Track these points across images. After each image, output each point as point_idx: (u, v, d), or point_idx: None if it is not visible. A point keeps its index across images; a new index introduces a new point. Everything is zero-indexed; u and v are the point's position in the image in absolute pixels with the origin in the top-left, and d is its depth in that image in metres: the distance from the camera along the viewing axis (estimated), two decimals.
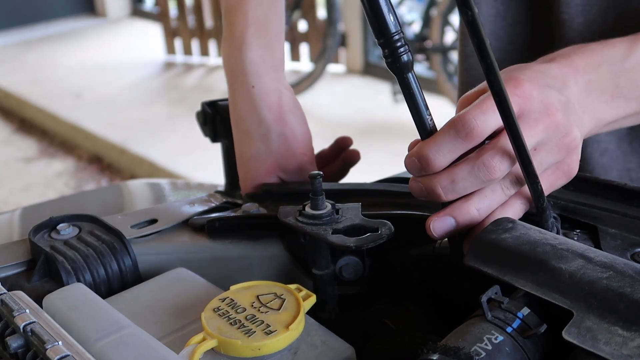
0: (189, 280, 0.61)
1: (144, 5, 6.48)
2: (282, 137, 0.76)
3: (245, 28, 0.77)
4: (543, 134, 0.54)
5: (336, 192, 0.69)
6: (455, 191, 0.54)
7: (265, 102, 0.76)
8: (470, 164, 0.53)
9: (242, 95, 0.77)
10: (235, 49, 0.77)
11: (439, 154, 0.53)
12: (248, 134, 0.77)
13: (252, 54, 0.77)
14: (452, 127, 0.53)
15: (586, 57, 0.63)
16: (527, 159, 0.52)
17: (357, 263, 0.62)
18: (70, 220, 0.67)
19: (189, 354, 0.48)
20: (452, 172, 0.54)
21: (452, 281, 0.59)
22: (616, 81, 0.63)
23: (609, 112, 0.63)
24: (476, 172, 0.53)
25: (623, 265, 0.46)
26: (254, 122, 0.77)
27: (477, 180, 0.53)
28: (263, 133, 0.76)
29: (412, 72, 0.52)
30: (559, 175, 0.57)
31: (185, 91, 4.60)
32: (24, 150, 4.17)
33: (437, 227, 0.55)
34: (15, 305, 0.50)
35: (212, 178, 2.61)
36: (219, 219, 0.68)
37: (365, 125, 3.82)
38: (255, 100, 0.76)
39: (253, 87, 0.76)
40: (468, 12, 0.47)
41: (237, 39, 0.77)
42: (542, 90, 0.56)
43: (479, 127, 0.52)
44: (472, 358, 0.42)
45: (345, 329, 0.55)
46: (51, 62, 5.31)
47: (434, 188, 0.54)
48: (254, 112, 0.77)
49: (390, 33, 0.50)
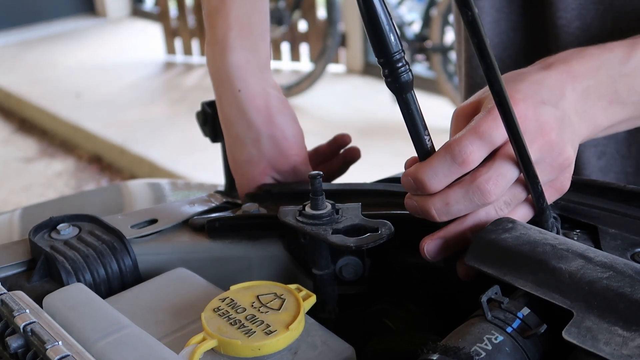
0: (189, 280, 0.61)
1: (144, 5, 6.48)
2: (273, 140, 0.76)
3: (228, 31, 0.76)
4: (537, 154, 0.54)
5: (336, 192, 0.69)
6: (450, 213, 0.54)
7: (253, 105, 0.76)
8: (464, 188, 0.53)
9: (229, 100, 0.77)
10: (218, 53, 0.77)
11: (434, 178, 0.53)
12: (239, 139, 0.77)
13: (236, 58, 0.76)
14: (448, 152, 0.53)
15: (585, 62, 0.62)
16: (527, 158, 0.52)
17: (357, 263, 0.62)
18: (71, 220, 0.67)
19: (189, 354, 0.48)
20: (447, 195, 0.54)
21: (452, 281, 0.59)
22: (614, 86, 0.63)
23: (605, 118, 0.63)
24: (471, 196, 0.53)
25: (623, 265, 0.46)
26: (243, 126, 0.76)
27: (472, 204, 0.54)
28: (253, 137, 0.76)
29: (412, 92, 0.52)
30: (551, 193, 0.57)
31: (186, 91, 4.60)
32: (24, 150, 4.17)
33: (430, 249, 0.56)
34: (15, 305, 0.50)
35: (212, 178, 2.61)
36: (219, 219, 0.68)
37: (365, 125, 3.82)
38: (242, 105, 0.76)
39: (239, 91, 0.76)
40: (468, 12, 0.47)
41: (220, 42, 0.77)
42: (536, 109, 0.56)
43: (476, 152, 0.53)
44: (472, 358, 0.42)
45: (345, 329, 0.55)
46: (51, 62, 5.31)
47: (428, 210, 0.54)
48: (242, 117, 0.76)
49: (391, 53, 0.49)
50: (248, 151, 0.77)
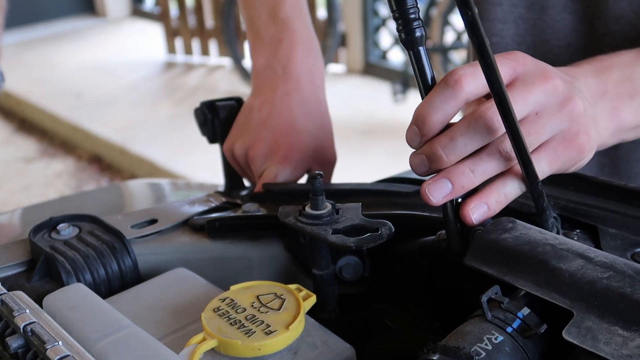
0: (189, 280, 0.61)
1: (143, 5, 6.48)
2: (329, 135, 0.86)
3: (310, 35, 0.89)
4: (542, 96, 0.53)
5: (336, 192, 0.69)
6: (456, 149, 0.53)
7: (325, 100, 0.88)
8: (467, 119, 0.53)
9: (307, 88, 0.85)
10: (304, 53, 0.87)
11: (432, 108, 0.53)
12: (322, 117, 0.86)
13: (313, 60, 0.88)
14: (442, 81, 0.53)
15: (595, 62, 0.62)
16: (527, 158, 0.52)
17: (357, 263, 0.62)
18: (71, 220, 0.67)
19: (189, 354, 0.48)
20: (451, 130, 0.53)
21: (452, 281, 0.59)
22: (632, 84, 0.62)
23: (630, 113, 0.62)
24: (474, 125, 0.52)
25: (623, 265, 0.46)
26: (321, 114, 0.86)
27: (477, 135, 0.53)
28: (320, 123, 0.85)
29: (424, 46, 0.52)
30: (565, 147, 0.55)
31: (186, 91, 4.61)
32: (24, 150, 4.17)
33: (432, 190, 0.53)
34: (16, 305, 0.50)
35: (212, 178, 2.61)
36: (219, 219, 0.68)
37: (365, 125, 3.82)
38: (321, 97, 0.87)
39: (318, 86, 0.86)
40: (468, 12, 0.47)
41: (306, 43, 0.88)
42: (538, 61, 0.55)
43: (467, 75, 0.52)
44: (472, 358, 0.42)
45: (345, 329, 0.55)
46: (51, 62, 5.31)
47: (435, 150, 0.53)
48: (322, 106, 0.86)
49: (406, 6, 0.51)
50: (311, 129, 0.83)
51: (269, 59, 0.86)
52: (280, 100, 0.84)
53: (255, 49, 0.89)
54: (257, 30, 0.88)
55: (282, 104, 0.83)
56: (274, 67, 0.86)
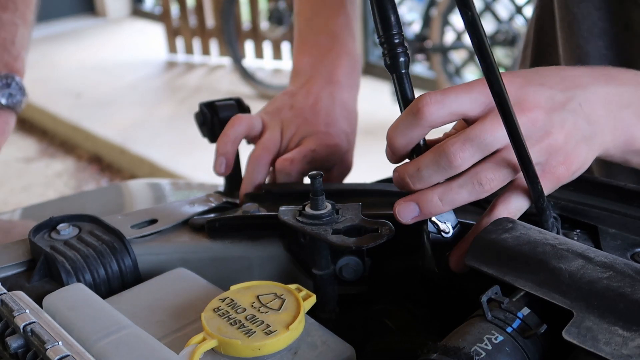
0: (189, 280, 0.61)
1: (144, 5, 6.48)
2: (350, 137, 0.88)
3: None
4: None
5: (336, 192, 0.69)
6: (422, 179, 0.54)
7: None
8: (433, 152, 0.54)
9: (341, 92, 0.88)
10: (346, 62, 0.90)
11: (397, 133, 0.55)
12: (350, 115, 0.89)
13: None
14: (408, 107, 0.54)
15: (603, 71, 0.60)
16: (526, 158, 0.52)
17: (357, 263, 0.62)
18: (71, 220, 0.67)
19: (189, 354, 0.48)
20: (418, 160, 0.55)
21: (452, 281, 0.59)
22: None
23: (639, 127, 0.58)
24: (437, 159, 0.53)
25: (623, 265, 0.46)
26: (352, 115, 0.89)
27: (440, 168, 0.53)
28: (345, 128, 0.87)
29: (407, 70, 0.55)
30: (543, 176, 0.54)
31: (186, 91, 4.60)
32: (24, 150, 4.17)
33: (401, 211, 0.55)
34: (15, 305, 0.50)
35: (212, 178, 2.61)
36: (219, 219, 0.68)
37: (365, 125, 3.79)
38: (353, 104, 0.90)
39: (355, 99, 0.90)
40: (468, 12, 0.47)
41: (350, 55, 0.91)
42: (524, 88, 0.54)
43: (431, 103, 0.53)
44: (472, 358, 0.42)
45: (345, 329, 0.55)
46: (51, 62, 5.31)
47: (403, 177, 0.55)
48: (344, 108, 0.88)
49: (391, 32, 0.53)
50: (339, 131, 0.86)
51: (314, 62, 0.90)
52: (327, 97, 0.87)
53: (301, 50, 0.93)
54: (307, 34, 0.93)
55: (328, 100, 0.87)
56: (319, 69, 0.89)
